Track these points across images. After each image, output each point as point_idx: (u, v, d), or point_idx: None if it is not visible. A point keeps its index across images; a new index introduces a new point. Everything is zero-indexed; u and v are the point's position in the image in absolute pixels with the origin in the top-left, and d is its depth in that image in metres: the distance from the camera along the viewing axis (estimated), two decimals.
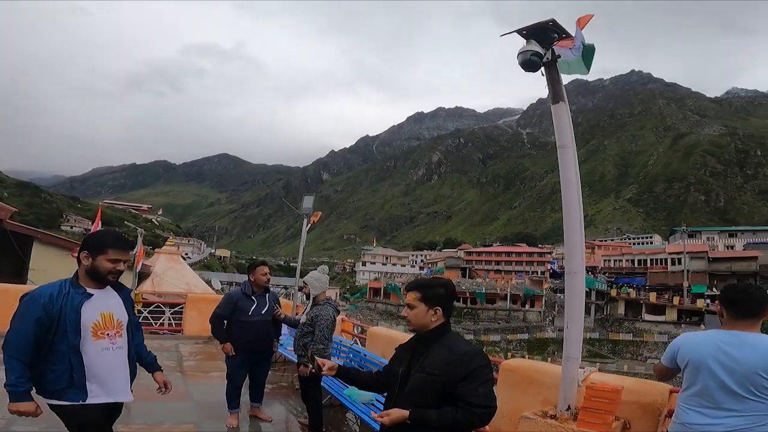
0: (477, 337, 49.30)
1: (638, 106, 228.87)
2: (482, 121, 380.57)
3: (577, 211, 2.87)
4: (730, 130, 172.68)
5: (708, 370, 2.12)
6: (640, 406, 2.65)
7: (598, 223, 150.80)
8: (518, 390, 3.24)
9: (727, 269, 55.02)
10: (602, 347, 47.29)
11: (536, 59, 2.77)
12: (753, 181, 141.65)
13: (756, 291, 2.23)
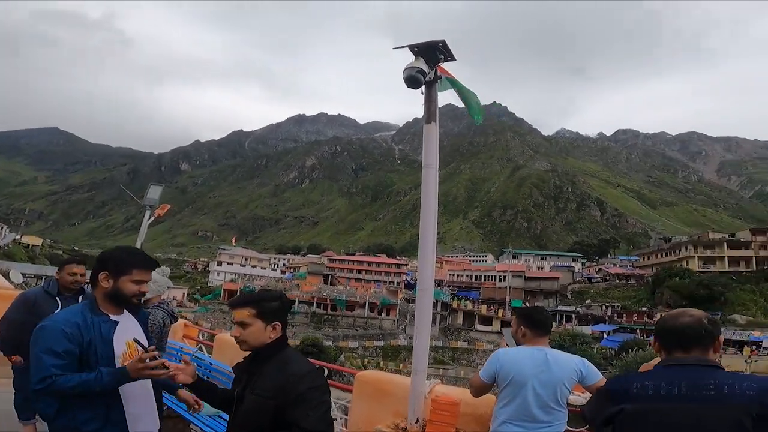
0: (336, 343, 49.99)
1: (492, 136, 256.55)
2: (361, 132, 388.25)
3: (431, 231, 2.91)
4: (553, 167, 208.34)
5: (530, 389, 2.32)
6: (474, 417, 2.78)
7: (447, 240, 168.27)
8: (373, 402, 3.21)
9: (537, 287, 66.61)
10: (444, 354, 50.93)
11: (420, 77, 2.79)
12: (562, 214, 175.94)
13: (546, 312, 2.64)
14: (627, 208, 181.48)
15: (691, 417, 1.52)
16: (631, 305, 58.10)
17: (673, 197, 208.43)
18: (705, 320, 1.70)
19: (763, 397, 1.48)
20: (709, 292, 51.53)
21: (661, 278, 57.58)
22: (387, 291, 65.89)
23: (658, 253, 71.81)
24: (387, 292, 65.04)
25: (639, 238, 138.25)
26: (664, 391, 1.59)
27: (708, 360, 1.65)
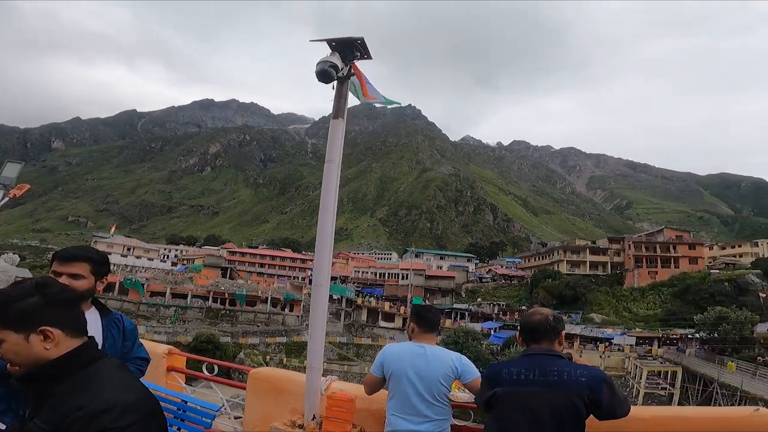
0: (235, 340, 48.06)
1: (404, 137, 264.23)
2: (273, 123, 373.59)
3: (329, 227, 2.87)
4: (456, 172, 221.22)
5: (407, 379, 2.45)
6: (370, 413, 2.79)
7: (354, 237, 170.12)
8: (269, 399, 3.14)
9: (436, 285, 70.73)
10: (349, 350, 51.29)
11: (332, 71, 2.74)
12: (461, 216, 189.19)
13: (435, 311, 2.77)
14: (515, 214, 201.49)
15: (541, 398, 1.95)
16: (513, 304, 62.93)
17: (551, 206, 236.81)
18: (551, 317, 2.20)
19: (592, 383, 1.95)
20: (574, 293, 59.08)
21: (538, 279, 64.11)
22: (291, 286, 64.48)
23: (536, 257, 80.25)
24: (291, 288, 63.65)
25: (522, 242, 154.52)
26: (524, 376, 2.04)
27: (554, 350, 2.13)
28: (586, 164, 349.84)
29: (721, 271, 58.44)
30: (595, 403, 1.95)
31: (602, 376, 2.02)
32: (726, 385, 31.79)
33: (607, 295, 62.53)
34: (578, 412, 1.94)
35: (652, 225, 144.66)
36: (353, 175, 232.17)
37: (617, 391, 2.02)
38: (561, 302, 59.02)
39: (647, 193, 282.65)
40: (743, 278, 53.76)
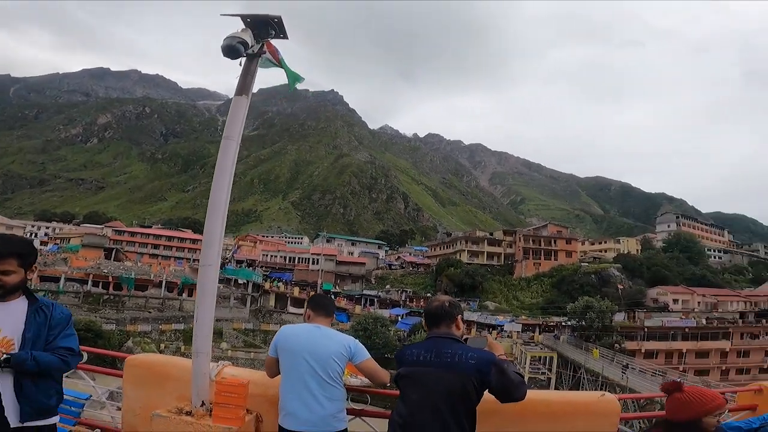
0: (122, 327, 44.01)
1: (323, 122, 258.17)
2: (181, 97, 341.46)
3: (222, 204, 2.80)
4: (372, 160, 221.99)
5: (302, 359, 2.47)
6: (267, 398, 2.73)
7: (264, 219, 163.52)
8: (152, 387, 3.01)
9: (347, 271, 71.03)
10: (255, 337, 49.66)
11: (241, 48, 2.66)
12: (374, 204, 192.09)
13: (329, 297, 2.96)
14: (424, 204, 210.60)
15: (435, 378, 2.14)
16: (420, 291, 65.60)
17: (457, 198, 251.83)
18: (446, 303, 2.38)
19: (480, 366, 2.13)
20: (473, 281, 63.39)
21: (442, 268, 67.86)
22: (190, 269, 59.99)
23: (441, 246, 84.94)
24: (190, 271, 59.21)
25: (430, 231, 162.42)
26: (422, 357, 2.23)
27: (452, 334, 2.31)
28: (490, 161, 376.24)
29: (590, 265, 67.71)
30: (484, 384, 2.13)
31: (491, 358, 2.18)
32: (591, 370, 35.54)
33: (499, 284, 67.99)
34: (468, 392, 2.10)
35: (539, 220, 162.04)
36: (267, 156, 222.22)
37: (508, 374, 2.15)
38: (461, 290, 62.49)
39: (538, 191, 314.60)
40: (606, 271, 62.96)
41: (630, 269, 64.34)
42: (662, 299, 58.04)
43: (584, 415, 2.79)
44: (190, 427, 2.56)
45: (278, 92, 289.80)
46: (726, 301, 59.11)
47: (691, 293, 58.81)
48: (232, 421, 2.53)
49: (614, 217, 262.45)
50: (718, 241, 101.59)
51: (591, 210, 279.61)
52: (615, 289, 56.47)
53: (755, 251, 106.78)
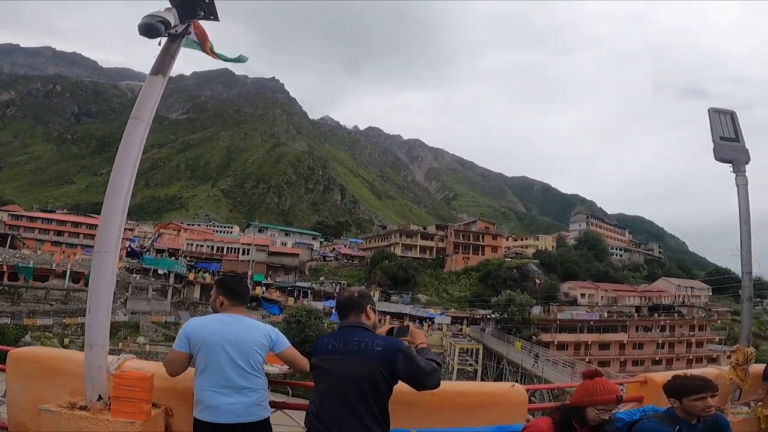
0: (18, 321, 39.74)
1: (261, 109, 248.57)
2: (101, 76, 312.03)
3: (124, 188, 2.70)
4: (310, 150, 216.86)
5: (221, 351, 2.39)
6: (176, 392, 2.64)
7: (190, 206, 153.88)
8: (40, 381, 2.84)
9: (279, 262, 69.14)
10: (177, 330, 46.94)
11: (160, 27, 2.56)
12: (310, 194, 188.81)
13: (245, 283, 2.75)
14: (361, 196, 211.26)
15: (345, 366, 2.17)
16: (354, 283, 65.12)
17: (394, 192, 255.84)
18: (356, 293, 2.43)
19: (386, 354, 2.14)
20: (406, 274, 64.58)
21: (376, 260, 68.40)
22: None
23: (376, 238, 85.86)
24: None
25: (366, 224, 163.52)
26: (332, 346, 2.27)
27: (360, 323, 2.33)
28: (427, 156, 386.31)
29: (512, 260, 72.41)
30: (392, 371, 2.13)
31: (398, 345, 2.19)
32: (512, 362, 37.29)
33: (431, 277, 70.12)
34: (375, 380, 2.11)
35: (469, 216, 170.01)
36: (196, 141, 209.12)
37: (417, 361, 2.15)
38: (395, 283, 63.59)
39: (469, 188, 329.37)
40: (526, 266, 67.71)
41: (546, 265, 69.88)
42: (572, 293, 63.84)
43: (497, 405, 2.93)
44: (84, 422, 2.41)
45: (214, 76, 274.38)
46: (625, 296, 66.43)
47: (596, 288, 65.37)
48: (134, 415, 2.40)
49: (535, 215, 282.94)
50: (620, 240, 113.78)
51: (516, 208, 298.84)
52: (533, 283, 60.82)
53: (650, 250, 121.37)
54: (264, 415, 2.47)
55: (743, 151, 4.27)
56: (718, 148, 4.27)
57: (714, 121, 4.36)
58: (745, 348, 3.94)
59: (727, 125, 4.36)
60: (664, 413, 2.56)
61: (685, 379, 2.58)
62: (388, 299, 60.60)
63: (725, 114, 4.41)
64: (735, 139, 4.32)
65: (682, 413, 2.48)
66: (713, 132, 4.32)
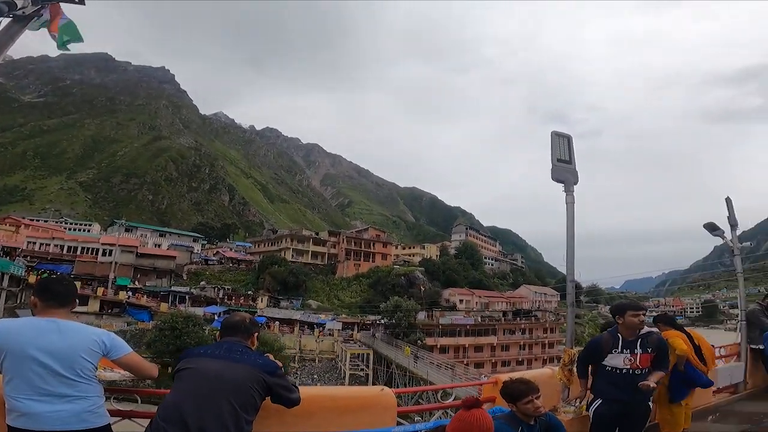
0: None
1: (143, 99, 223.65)
2: None
3: None
4: (197, 146, 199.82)
5: (29, 359, 2.19)
6: None
7: (37, 200, 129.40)
8: None
9: (151, 265, 61.96)
10: None
11: (3, 7, 2.47)
12: (193, 193, 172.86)
13: (68, 282, 2.57)
14: (252, 198, 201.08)
15: (223, 369, 2.28)
16: (239, 288, 62.77)
17: (287, 196, 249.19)
18: (247, 320, 2.66)
19: (267, 367, 2.40)
20: (296, 280, 63.58)
21: (265, 265, 66.13)
22: None
23: (266, 242, 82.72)
24: None
25: (256, 227, 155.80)
26: (211, 352, 2.42)
27: (244, 342, 2.54)
28: (324, 162, 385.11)
29: (401, 267, 75.93)
30: (267, 384, 2.35)
31: (275, 365, 2.47)
32: (401, 366, 38.53)
33: (322, 283, 70.11)
34: (250, 387, 2.27)
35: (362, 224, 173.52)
36: (52, 127, 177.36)
37: (286, 381, 2.49)
38: (285, 288, 62.13)
39: (364, 195, 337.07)
40: (413, 274, 71.49)
41: (431, 272, 74.62)
42: (452, 299, 69.18)
43: (367, 408, 3.00)
44: None
45: (88, 60, 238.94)
46: (495, 301, 74.23)
47: (472, 294, 71.88)
48: None
49: (423, 225, 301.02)
50: (492, 250, 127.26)
51: (406, 217, 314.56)
52: (419, 290, 64.51)
53: (515, 260, 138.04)
54: (99, 422, 2.34)
55: (573, 172, 4.67)
56: (555, 168, 4.60)
57: (554, 143, 4.65)
58: (570, 349, 4.27)
59: (564, 148, 4.69)
60: (509, 415, 2.80)
61: (512, 384, 2.85)
62: (277, 305, 59.17)
63: (564, 138, 4.74)
64: (568, 161, 4.67)
65: (520, 415, 2.76)
66: (552, 154, 4.62)
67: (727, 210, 7.10)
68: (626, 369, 3.66)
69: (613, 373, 3.69)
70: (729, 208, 7.09)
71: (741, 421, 5.48)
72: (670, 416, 4.65)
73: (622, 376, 3.67)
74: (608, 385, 3.71)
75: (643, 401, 3.81)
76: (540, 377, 4.05)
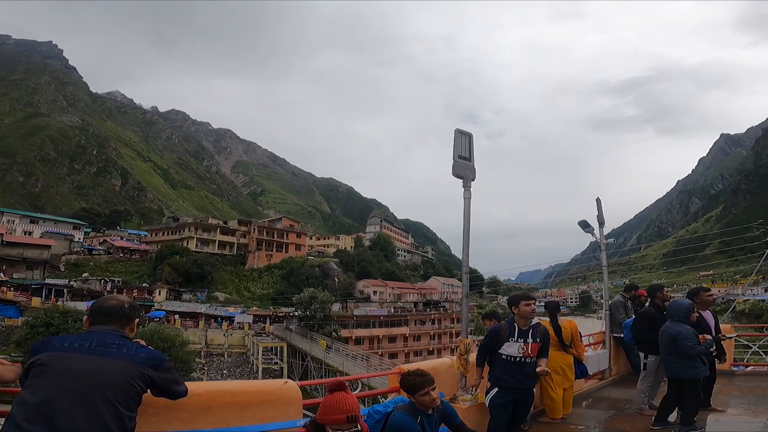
0: None
1: (21, 74, 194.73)
2: None
3: None
4: (84, 125, 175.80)
5: None
6: None
7: None
8: None
9: (20, 255, 53.59)
10: None
11: None
12: (76, 176, 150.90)
13: None
14: (150, 183, 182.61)
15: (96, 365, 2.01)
16: (132, 280, 57.95)
17: (193, 182, 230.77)
18: (126, 305, 2.31)
19: (151, 362, 2.12)
20: (201, 271, 59.69)
21: (164, 255, 61.15)
22: None
23: (165, 231, 76.00)
24: None
25: (154, 215, 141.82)
26: (78, 345, 2.08)
27: (121, 331, 2.22)
28: (237, 148, 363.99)
29: (315, 258, 74.82)
30: (150, 379, 2.11)
31: (161, 357, 2.20)
32: (316, 358, 38.28)
33: (231, 274, 66.75)
34: (131, 383, 2.04)
35: (276, 213, 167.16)
36: None
37: (174, 374, 2.24)
38: (188, 280, 58.41)
39: (279, 184, 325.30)
40: (327, 265, 70.87)
41: (345, 263, 74.74)
42: (366, 291, 70.05)
43: (270, 402, 2.90)
44: None
45: None
46: (407, 292, 76.78)
47: (385, 286, 73.52)
48: None
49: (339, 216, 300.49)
50: (405, 242, 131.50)
51: (321, 208, 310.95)
52: (333, 281, 64.17)
53: (426, 252, 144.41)
54: None
55: (472, 169, 4.78)
56: (456, 165, 4.68)
57: (457, 141, 4.71)
58: (465, 339, 4.49)
59: (465, 146, 4.78)
60: (409, 405, 2.87)
61: (410, 376, 2.92)
62: (178, 298, 55.55)
63: (466, 135, 4.82)
64: (468, 158, 4.78)
65: (419, 405, 2.82)
66: (455, 150, 4.68)
67: (597, 209, 7.86)
68: (519, 357, 4.02)
69: (508, 361, 4.03)
70: (599, 207, 7.87)
71: (609, 406, 6.08)
72: (551, 402, 5.24)
73: (515, 364, 4.01)
74: (504, 373, 4.02)
75: (532, 387, 4.23)
76: (439, 367, 4.30)
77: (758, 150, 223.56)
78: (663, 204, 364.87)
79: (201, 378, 37.00)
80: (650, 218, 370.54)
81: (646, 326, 5.40)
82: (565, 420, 5.23)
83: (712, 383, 5.47)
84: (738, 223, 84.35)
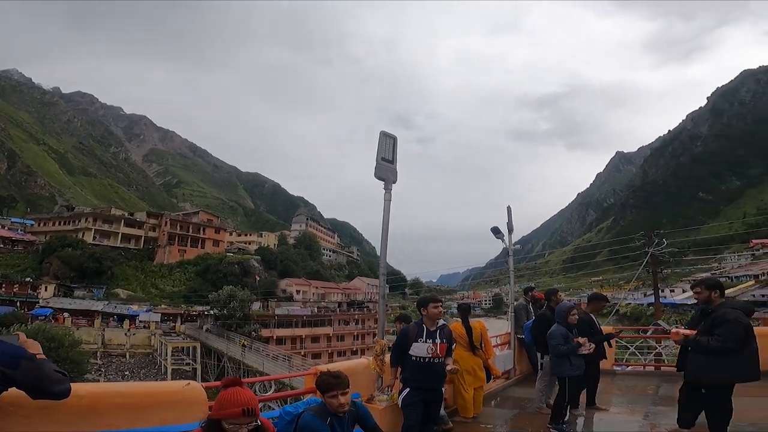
0: None
1: None
2: None
3: None
4: None
5: None
6: None
7: None
8: None
9: None
10: None
11: None
12: None
13: None
14: (42, 168, 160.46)
15: None
16: (14, 274, 51.66)
17: (95, 169, 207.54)
18: None
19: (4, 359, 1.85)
20: (99, 266, 53.99)
21: (53, 247, 54.65)
22: None
23: (57, 221, 67.75)
24: None
25: (44, 202, 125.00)
26: None
27: None
28: (152, 136, 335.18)
29: (235, 255, 70.93)
30: (9, 378, 1.86)
31: (20, 353, 1.92)
32: (233, 358, 37.00)
33: (136, 270, 61.39)
34: None
35: (193, 206, 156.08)
36: None
37: (43, 372, 1.93)
38: (82, 275, 52.77)
39: (198, 177, 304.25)
40: (248, 262, 67.65)
41: (267, 261, 71.95)
42: (289, 290, 68.03)
43: (170, 404, 2.76)
44: None
45: None
46: (331, 292, 75.94)
47: (309, 285, 72.01)
48: None
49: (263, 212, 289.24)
50: (330, 242, 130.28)
51: (245, 203, 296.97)
52: (254, 279, 61.42)
53: (351, 252, 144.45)
54: None
55: (394, 172, 4.80)
56: (378, 167, 4.68)
57: (381, 143, 4.72)
58: (381, 340, 4.55)
59: (389, 148, 4.79)
60: (320, 406, 2.75)
61: (324, 377, 2.79)
62: (70, 294, 50.29)
63: (390, 138, 4.83)
64: (390, 161, 4.79)
65: (329, 407, 2.70)
66: (378, 152, 4.67)
67: (507, 216, 8.32)
68: (428, 357, 4.11)
69: (418, 362, 4.11)
70: (509, 215, 8.34)
71: (513, 405, 6.42)
72: (462, 401, 5.51)
73: (425, 364, 4.10)
74: (414, 374, 4.10)
75: (441, 387, 4.37)
76: (356, 367, 4.40)
77: (645, 168, 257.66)
78: (565, 214, 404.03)
79: (97, 380, 34.10)
80: (554, 227, 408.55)
81: (542, 328, 5.66)
82: (477, 419, 5.50)
83: (596, 382, 5.90)
84: (624, 234, 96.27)
